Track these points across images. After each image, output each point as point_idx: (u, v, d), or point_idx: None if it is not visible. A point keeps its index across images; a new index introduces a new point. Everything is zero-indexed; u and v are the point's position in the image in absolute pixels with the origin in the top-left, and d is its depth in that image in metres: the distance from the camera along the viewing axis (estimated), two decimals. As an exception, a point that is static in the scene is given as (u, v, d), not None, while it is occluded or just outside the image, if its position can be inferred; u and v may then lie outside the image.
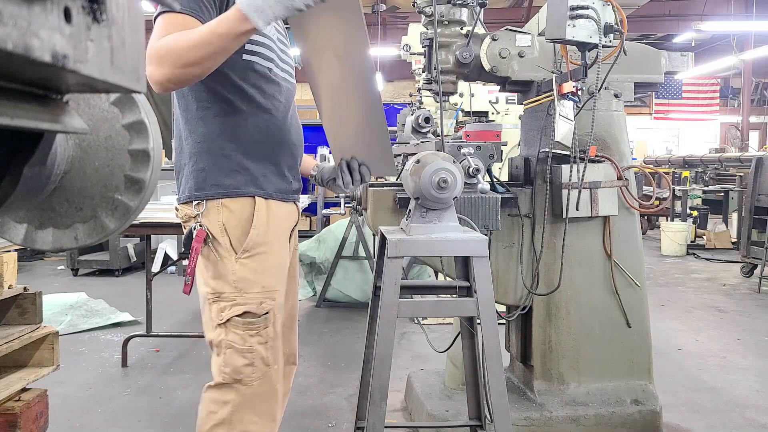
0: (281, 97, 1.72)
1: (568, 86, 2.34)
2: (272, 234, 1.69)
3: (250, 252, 1.64)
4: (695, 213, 9.47)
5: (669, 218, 9.46)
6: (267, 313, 1.66)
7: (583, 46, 2.22)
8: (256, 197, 1.66)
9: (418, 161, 1.83)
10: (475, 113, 5.49)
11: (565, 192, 2.57)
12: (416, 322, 3.83)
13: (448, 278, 2.44)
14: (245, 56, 1.63)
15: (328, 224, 6.88)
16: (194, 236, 1.60)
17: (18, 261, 2.61)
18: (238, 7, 1.32)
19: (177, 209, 1.72)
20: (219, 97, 1.63)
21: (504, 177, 2.97)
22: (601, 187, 2.61)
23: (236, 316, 1.61)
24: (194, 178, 1.64)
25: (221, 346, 1.62)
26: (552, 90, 2.45)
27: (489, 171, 2.59)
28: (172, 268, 6.51)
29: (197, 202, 1.63)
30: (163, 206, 4.37)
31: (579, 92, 2.36)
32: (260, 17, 1.31)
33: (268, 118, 1.68)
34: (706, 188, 9.57)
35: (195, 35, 1.38)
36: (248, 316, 1.62)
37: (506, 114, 5.66)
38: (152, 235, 4.09)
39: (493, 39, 2.60)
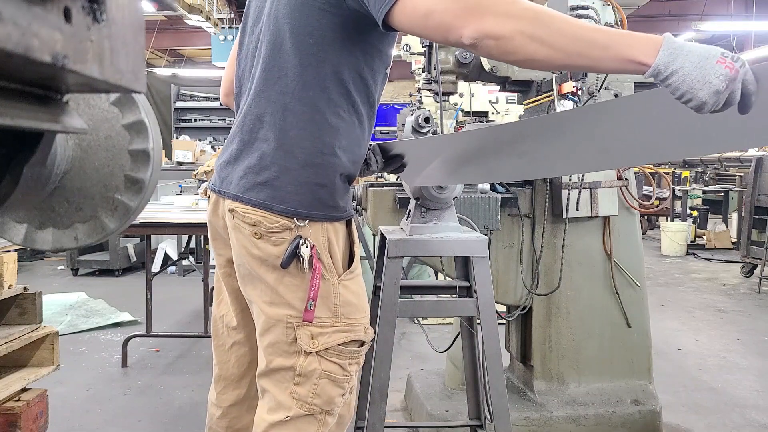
0: None
1: (568, 86, 2.34)
2: None
3: (353, 273, 1.49)
4: (695, 213, 9.47)
5: (669, 218, 9.45)
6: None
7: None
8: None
9: (418, 161, 1.83)
10: (475, 113, 5.49)
11: (565, 192, 2.58)
12: (416, 322, 3.83)
13: (448, 278, 2.44)
14: (387, 71, 1.48)
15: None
16: (305, 253, 1.39)
17: (18, 261, 2.61)
18: (662, 39, 1.04)
19: (262, 215, 1.41)
20: (354, 108, 1.45)
21: (504, 177, 2.97)
22: (601, 187, 2.61)
23: (339, 344, 1.45)
24: (311, 193, 1.41)
25: (312, 375, 1.43)
26: (552, 90, 2.45)
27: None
28: (172, 268, 6.51)
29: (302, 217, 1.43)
30: (163, 206, 4.37)
31: (579, 92, 2.37)
32: (668, 65, 1.01)
33: (367, 140, 1.55)
34: (706, 188, 9.57)
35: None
36: (353, 344, 1.47)
37: (506, 114, 5.66)
38: (152, 235, 4.09)
39: (493, 39, 2.60)
